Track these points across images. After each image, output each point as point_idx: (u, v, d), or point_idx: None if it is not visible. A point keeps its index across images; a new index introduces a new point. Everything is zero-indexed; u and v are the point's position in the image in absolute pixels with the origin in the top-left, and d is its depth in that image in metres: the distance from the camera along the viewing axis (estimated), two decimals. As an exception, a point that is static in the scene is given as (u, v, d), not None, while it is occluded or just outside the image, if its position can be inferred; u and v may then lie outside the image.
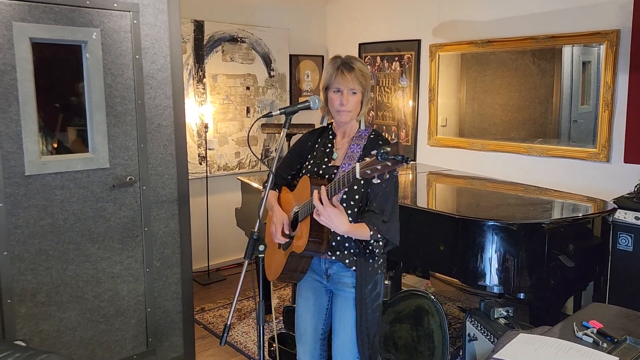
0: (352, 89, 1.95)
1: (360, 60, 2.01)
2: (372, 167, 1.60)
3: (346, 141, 2.06)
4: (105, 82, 2.70)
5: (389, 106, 4.88)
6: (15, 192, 2.50)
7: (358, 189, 1.97)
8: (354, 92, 1.96)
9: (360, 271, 2.02)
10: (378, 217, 1.92)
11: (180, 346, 3.17)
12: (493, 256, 2.63)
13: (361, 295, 2.03)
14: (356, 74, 1.94)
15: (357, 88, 1.95)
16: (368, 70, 2.01)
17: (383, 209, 1.94)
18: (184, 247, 3.10)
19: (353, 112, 1.99)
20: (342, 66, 1.95)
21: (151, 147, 2.90)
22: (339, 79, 1.95)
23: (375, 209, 1.94)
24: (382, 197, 1.95)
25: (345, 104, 1.95)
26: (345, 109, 1.96)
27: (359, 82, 1.94)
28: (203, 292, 4.32)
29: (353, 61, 1.96)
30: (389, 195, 1.96)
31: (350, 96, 1.96)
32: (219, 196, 4.69)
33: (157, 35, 2.85)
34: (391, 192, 1.97)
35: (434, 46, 4.45)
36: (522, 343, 1.66)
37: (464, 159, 4.32)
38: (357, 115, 2.02)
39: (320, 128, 2.18)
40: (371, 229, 1.90)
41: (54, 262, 2.66)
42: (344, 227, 1.83)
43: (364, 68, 1.97)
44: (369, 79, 1.99)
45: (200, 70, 4.45)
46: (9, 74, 2.43)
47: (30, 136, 2.50)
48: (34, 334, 2.61)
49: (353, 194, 1.97)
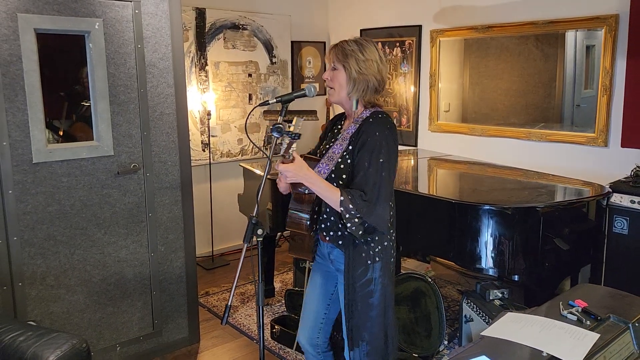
0: (331, 64, 2.00)
1: (359, 42, 1.99)
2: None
3: (349, 124, 2.09)
4: (109, 71, 2.76)
5: (391, 92, 4.91)
6: (23, 180, 2.58)
7: (345, 168, 1.97)
8: (333, 67, 2.00)
9: (348, 253, 2.00)
10: (354, 191, 1.89)
11: (185, 328, 3.27)
12: (488, 239, 2.69)
13: (347, 280, 2.01)
14: (336, 50, 1.98)
15: (337, 64, 1.98)
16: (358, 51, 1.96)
17: (363, 187, 1.89)
18: (187, 232, 3.18)
19: (337, 90, 2.00)
20: (332, 45, 2.03)
21: (154, 135, 2.97)
22: (326, 55, 2.04)
23: (356, 185, 1.91)
24: (363, 176, 1.91)
25: (326, 79, 2.02)
26: (328, 85, 2.03)
27: (336, 57, 1.97)
28: (207, 277, 4.41)
29: (345, 40, 2.01)
30: (370, 176, 1.90)
31: (331, 72, 2.01)
32: (222, 183, 4.77)
33: (158, 24, 2.90)
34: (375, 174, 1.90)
35: (435, 32, 4.47)
36: (509, 321, 1.73)
37: (464, 145, 4.36)
38: (349, 95, 2.00)
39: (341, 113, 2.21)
40: (342, 194, 1.86)
41: (62, 247, 2.74)
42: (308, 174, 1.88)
43: (349, 46, 1.96)
44: (351, 57, 1.95)
45: (202, 58, 4.50)
46: (15, 65, 2.49)
47: (36, 125, 2.57)
48: (45, 316, 2.71)
49: (340, 173, 1.97)
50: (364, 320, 2.05)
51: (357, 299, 2.03)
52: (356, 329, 2.05)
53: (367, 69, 1.96)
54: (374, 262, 2.02)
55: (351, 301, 2.04)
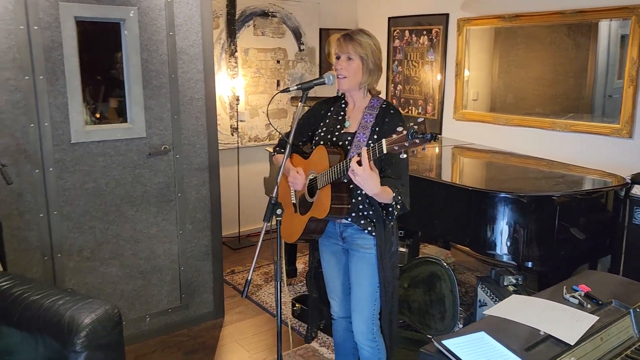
0: (347, 54, 2.10)
1: (367, 33, 2.13)
2: (399, 144, 1.76)
3: (358, 111, 2.20)
4: (142, 57, 2.91)
5: (417, 80, 4.95)
6: (62, 158, 2.77)
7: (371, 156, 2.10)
8: (349, 57, 2.10)
9: (379, 234, 2.17)
10: (396, 182, 2.06)
11: (210, 303, 3.44)
12: (503, 227, 2.75)
13: (381, 255, 2.19)
14: (352, 41, 2.09)
15: (353, 54, 2.09)
16: (371, 41, 2.11)
17: (399, 175, 2.08)
18: (214, 212, 3.33)
19: (350, 78, 2.12)
20: (343, 36, 2.12)
21: (184, 119, 3.11)
22: (337, 46, 2.13)
23: (392, 174, 2.08)
24: (397, 163, 2.08)
25: (338, 68, 2.11)
26: (340, 74, 2.12)
27: (353, 48, 2.08)
28: (234, 256, 4.59)
29: (355, 32, 2.12)
30: (403, 162, 2.08)
31: (346, 62, 2.11)
32: (249, 166, 4.92)
33: (189, 12, 3.03)
34: (406, 159, 2.05)
35: (462, 20, 4.47)
36: (514, 302, 1.81)
37: (488, 133, 4.38)
38: (360, 84, 2.14)
39: (333, 97, 2.33)
40: (394, 190, 2.03)
41: (97, 222, 2.93)
42: (376, 188, 1.93)
43: (364, 38, 2.10)
44: (368, 48, 2.09)
45: (232, 45, 4.63)
46: (56, 50, 2.66)
47: (75, 107, 2.75)
48: (81, 285, 2.91)
49: None
50: (394, 291, 2.24)
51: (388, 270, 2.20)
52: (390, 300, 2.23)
53: (379, 59, 2.11)
54: (394, 236, 2.22)
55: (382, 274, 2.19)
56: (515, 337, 1.55)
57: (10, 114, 2.59)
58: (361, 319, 2.28)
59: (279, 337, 2.11)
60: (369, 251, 2.21)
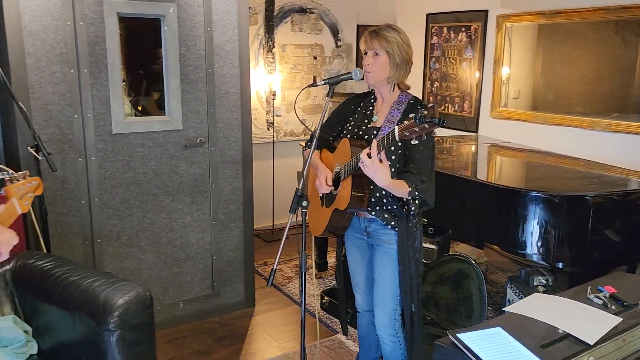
0: (373, 49, 2.12)
1: (395, 28, 2.14)
2: (410, 129, 1.78)
3: (386, 106, 2.22)
4: (180, 52, 3.01)
5: (454, 77, 4.90)
6: (104, 148, 2.90)
7: (395, 150, 2.12)
8: (376, 53, 2.13)
9: (401, 229, 2.19)
10: (417, 176, 2.08)
11: (241, 292, 3.53)
12: (534, 226, 2.71)
13: (403, 251, 2.21)
14: (378, 36, 2.11)
15: (379, 49, 2.11)
16: (398, 36, 2.12)
17: (421, 170, 2.10)
18: (246, 203, 3.42)
19: (376, 74, 2.14)
20: (369, 32, 2.14)
21: (219, 112, 3.21)
22: (364, 42, 2.15)
23: (413, 170, 2.10)
24: (420, 159, 2.10)
25: (365, 64, 2.14)
26: (367, 70, 2.14)
27: (379, 43, 2.11)
28: (266, 248, 4.67)
29: (381, 27, 2.14)
30: (426, 158, 2.11)
31: (372, 57, 2.13)
32: (284, 160, 4.99)
33: (226, 8, 3.11)
34: (429, 155, 2.12)
35: (501, 17, 4.40)
36: (535, 300, 1.80)
37: (526, 132, 4.30)
38: (387, 78, 2.16)
39: (364, 93, 2.36)
40: (410, 185, 2.05)
41: (135, 210, 3.06)
42: (386, 180, 1.96)
43: (390, 33, 2.11)
44: (395, 43, 2.11)
45: (270, 41, 4.71)
46: (99, 45, 2.79)
47: (116, 99, 2.88)
48: (119, 270, 3.05)
49: (390, 155, 2.13)
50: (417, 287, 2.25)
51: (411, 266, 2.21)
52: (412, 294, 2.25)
53: (407, 54, 2.10)
54: (415, 231, 2.23)
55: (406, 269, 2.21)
56: (532, 334, 1.55)
57: (57, 106, 2.73)
58: (383, 313, 2.31)
59: (303, 326, 2.16)
60: (392, 246, 2.23)
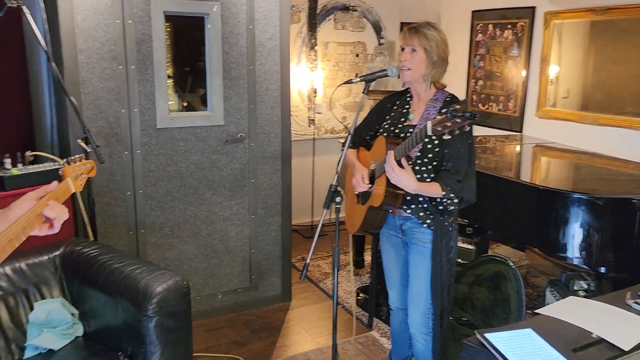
0: (411, 46, 2.11)
1: (434, 26, 2.14)
2: (442, 124, 1.79)
3: (422, 104, 2.22)
4: (223, 49, 3.09)
5: (499, 76, 4.80)
6: (148, 142, 3.02)
7: (431, 149, 2.12)
8: (413, 49, 2.12)
9: (436, 227, 2.19)
10: (453, 176, 2.07)
11: (278, 286, 3.59)
12: (576, 229, 2.64)
13: (437, 249, 2.20)
14: (417, 33, 2.10)
15: (417, 46, 2.10)
16: (436, 34, 2.11)
17: (458, 169, 2.09)
18: (285, 199, 3.47)
19: (413, 70, 2.13)
20: (408, 28, 2.14)
21: (260, 109, 3.27)
22: (403, 38, 2.15)
23: (451, 169, 2.09)
24: (458, 158, 2.10)
25: (402, 60, 2.13)
26: (403, 66, 2.13)
27: (418, 40, 2.10)
28: (305, 244, 4.72)
29: (421, 24, 2.13)
30: (463, 156, 2.10)
31: (410, 54, 2.12)
32: (324, 157, 5.03)
33: (268, 7, 3.17)
34: (466, 153, 2.10)
35: (549, 14, 4.28)
36: (570, 303, 1.76)
37: (573, 133, 4.16)
38: (423, 76, 2.15)
39: (400, 91, 2.36)
40: (444, 189, 2.05)
41: (177, 202, 3.16)
42: (411, 185, 2.01)
43: (429, 30, 2.10)
44: (433, 40, 2.10)
45: (312, 38, 4.75)
46: (146, 43, 2.90)
47: (161, 95, 2.98)
48: (160, 260, 3.16)
49: (426, 153, 2.13)
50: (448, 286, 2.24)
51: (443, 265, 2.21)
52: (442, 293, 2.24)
53: (444, 52, 2.09)
54: (450, 230, 2.22)
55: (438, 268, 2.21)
56: (564, 337, 1.52)
57: (106, 100, 2.86)
58: (417, 312, 2.30)
59: (335, 321, 2.19)
60: (427, 245, 2.22)
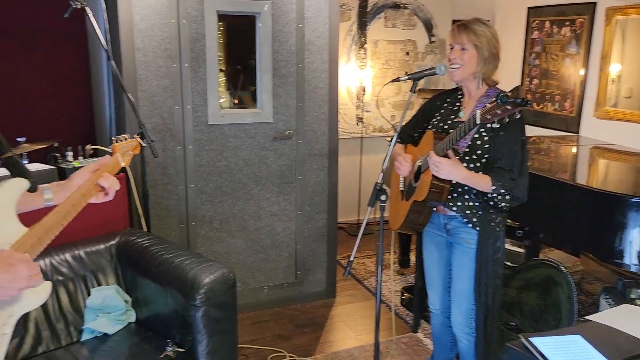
0: (461, 44, 2.08)
1: (483, 22, 2.10)
2: (492, 111, 1.76)
3: (473, 101, 2.18)
4: (273, 48, 3.14)
5: (555, 74, 4.63)
6: (200, 138, 3.11)
7: (481, 145, 2.08)
8: (463, 47, 2.08)
9: (482, 226, 2.15)
10: (505, 174, 2.03)
11: (323, 282, 3.62)
12: (634, 234, 2.52)
13: (483, 248, 2.16)
14: (466, 30, 2.07)
15: (467, 44, 2.07)
16: (486, 30, 2.08)
17: (511, 167, 2.05)
18: (331, 196, 3.50)
19: (463, 68, 2.10)
20: (457, 25, 2.11)
21: (308, 106, 3.30)
22: (452, 36, 2.12)
23: (504, 166, 2.05)
24: (510, 155, 2.05)
25: (452, 58, 2.10)
26: (453, 64, 2.11)
27: (467, 37, 2.06)
28: (351, 242, 4.73)
29: (470, 21, 2.10)
30: (516, 154, 2.05)
31: (459, 51, 2.09)
32: (372, 156, 5.01)
33: (318, 5, 3.19)
34: (518, 151, 2.06)
35: (611, 9, 4.09)
36: (623, 311, 1.69)
37: (634, 134, 3.97)
38: (474, 73, 2.12)
39: (451, 89, 2.33)
40: (494, 183, 2.01)
41: (226, 197, 3.24)
42: (462, 174, 1.98)
43: (479, 27, 2.07)
44: (483, 37, 2.06)
45: (362, 37, 4.74)
46: (200, 42, 2.99)
47: (213, 92, 3.07)
48: (209, 252, 3.26)
49: (475, 149, 2.10)
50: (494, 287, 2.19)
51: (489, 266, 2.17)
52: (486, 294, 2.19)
53: (495, 48, 2.04)
54: (500, 231, 2.17)
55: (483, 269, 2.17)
56: (615, 346, 1.47)
57: (160, 97, 2.97)
58: (459, 312, 2.27)
59: (377, 318, 2.18)
60: (472, 246, 2.18)
